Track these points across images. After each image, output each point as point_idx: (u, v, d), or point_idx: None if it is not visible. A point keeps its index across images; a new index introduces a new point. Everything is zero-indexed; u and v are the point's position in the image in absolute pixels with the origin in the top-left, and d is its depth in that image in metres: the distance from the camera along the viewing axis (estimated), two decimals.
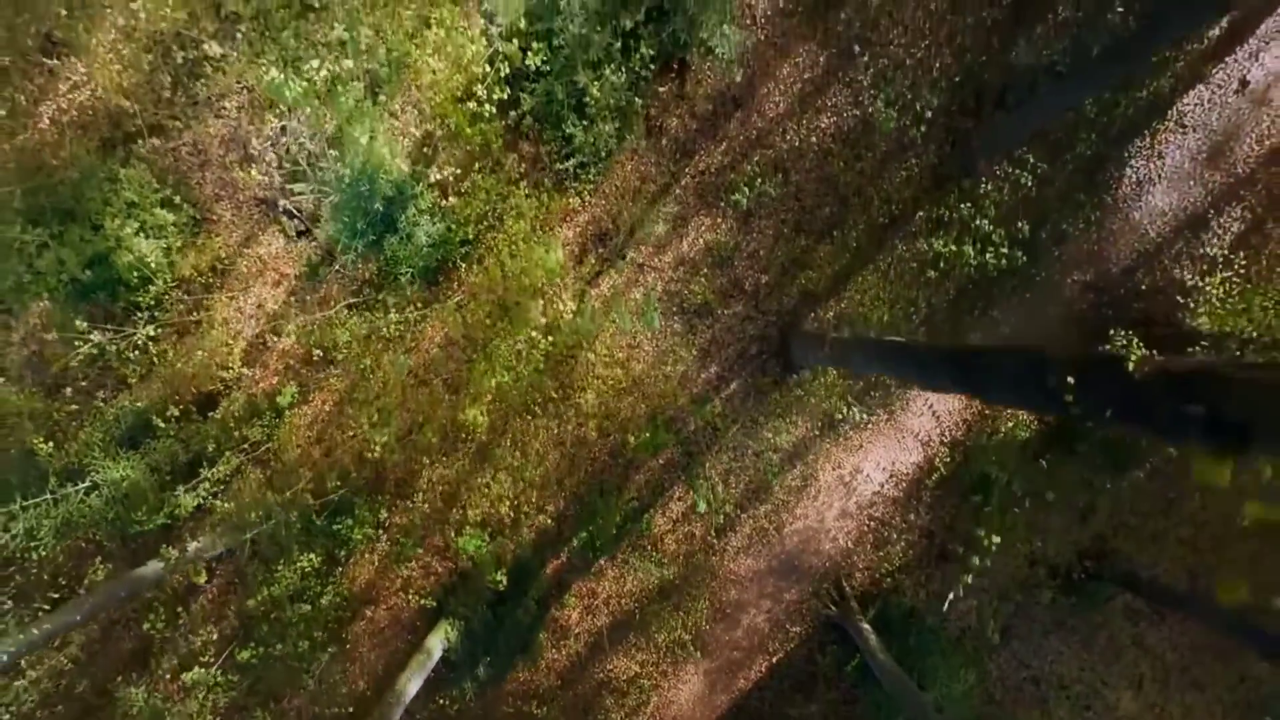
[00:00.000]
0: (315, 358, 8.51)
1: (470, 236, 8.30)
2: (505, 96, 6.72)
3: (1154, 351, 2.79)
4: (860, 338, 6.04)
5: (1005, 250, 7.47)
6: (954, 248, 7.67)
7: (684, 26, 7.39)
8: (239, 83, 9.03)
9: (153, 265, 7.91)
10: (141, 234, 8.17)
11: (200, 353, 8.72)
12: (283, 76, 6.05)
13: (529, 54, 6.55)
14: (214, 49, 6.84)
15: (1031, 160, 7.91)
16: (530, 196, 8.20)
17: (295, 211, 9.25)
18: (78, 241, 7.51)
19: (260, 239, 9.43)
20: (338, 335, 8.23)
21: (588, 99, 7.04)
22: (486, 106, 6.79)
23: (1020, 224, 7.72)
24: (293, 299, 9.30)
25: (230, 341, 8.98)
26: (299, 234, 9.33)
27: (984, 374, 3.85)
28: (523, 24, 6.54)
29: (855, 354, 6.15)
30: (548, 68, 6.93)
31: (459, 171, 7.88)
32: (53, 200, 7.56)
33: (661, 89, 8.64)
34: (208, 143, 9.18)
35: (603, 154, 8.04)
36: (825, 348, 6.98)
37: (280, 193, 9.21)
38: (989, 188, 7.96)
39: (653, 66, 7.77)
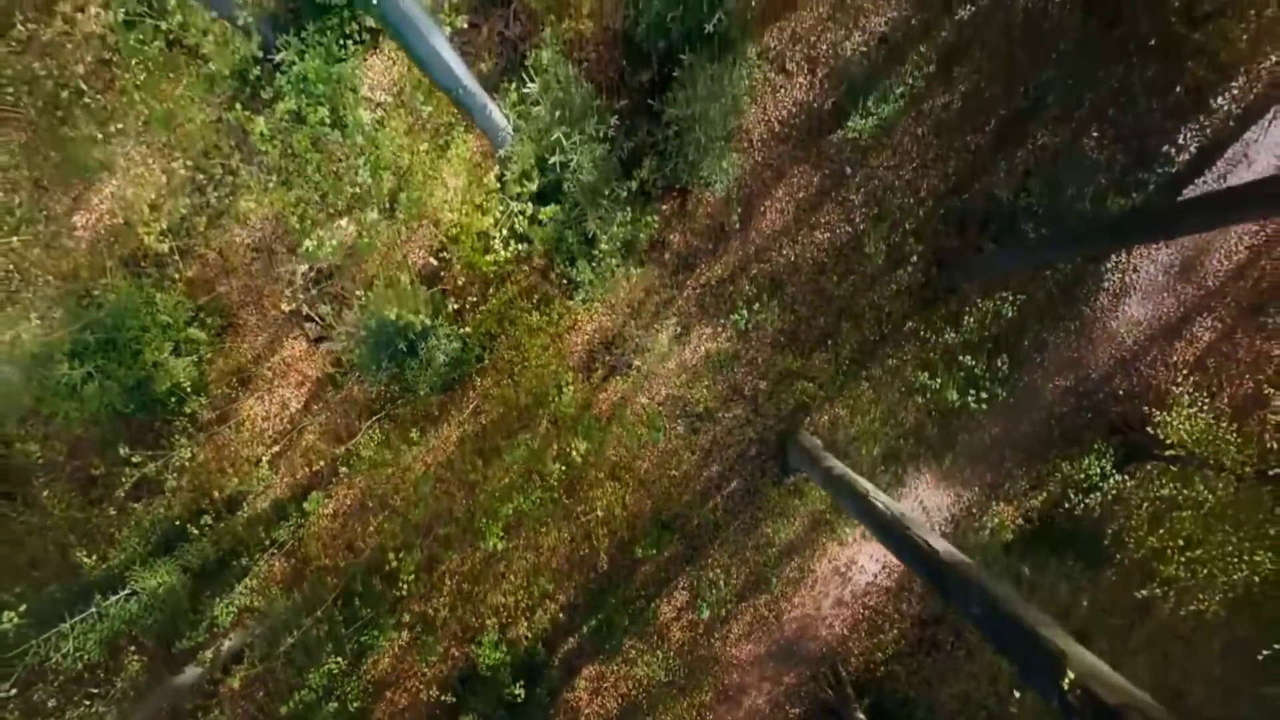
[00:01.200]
0: (341, 473, 9.04)
1: (484, 354, 8.82)
2: (520, 248, 7.22)
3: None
4: (853, 486, 6.52)
5: (985, 394, 7.97)
6: (938, 384, 8.17)
7: (685, 168, 7.90)
8: (267, 203, 9.56)
9: (188, 387, 8.41)
10: (175, 354, 8.68)
11: (230, 466, 9.26)
12: (316, 242, 6.55)
13: (541, 211, 7.05)
14: (246, 204, 7.35)
15: (1011, 295, 8.42)
16: (543, 315, 8.71)
17: (318, 319, 9.77)
18: (119, 372, 8.01)
19: (284, 343, 9.94)
20: (361, 451, 8.74)
21: (596, 250, 7.54)
22: (501, 253, 7.30)
23: (1001, 359, 8.23)
24: (316, 403, 9.81)
25: (259, 451, 9.49)
26: (319, 339, 9.85)
27: (955, 593, 4.34)
28: (535, 183, 7.04)
29: (846, 497, 6.64)
30: (560, 215, 7.44)
31: (475, 299, 8.40)
32: (95, 333, 8.06)
33: (664, 207, 9.16)
34: (234, 252, 9.69)
35: (609, 280, 8.55)
36: (819, 476, 7.48)
37: (303, 302, 9.73)
38: (970, 320, 8.47)
39: (659, 209, 8.31)
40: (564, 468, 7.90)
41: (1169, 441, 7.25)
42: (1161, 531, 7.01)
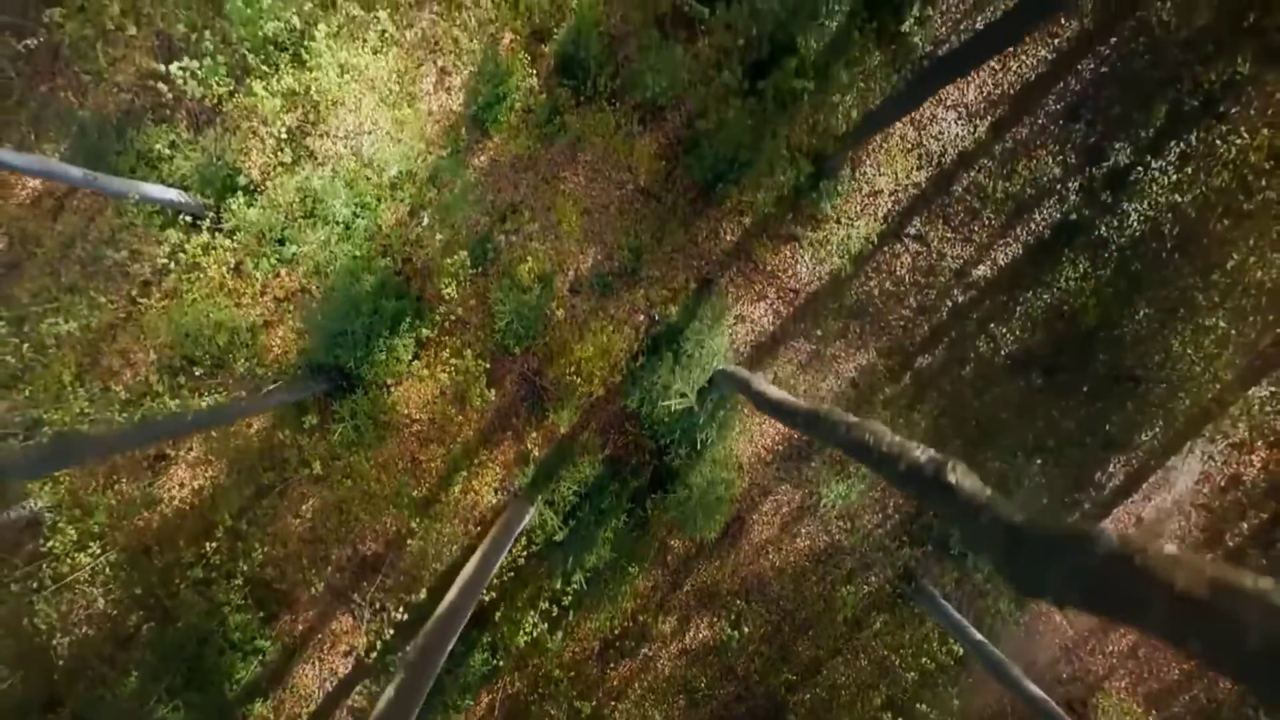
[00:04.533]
0: None
1: (509, 663, 10.21)
2: (547, 626, 8.62)
3: None
4: None
5: None
6: None
7: (682, 527, 9.27)
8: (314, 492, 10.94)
9: (258, 703, 9.80)
10: (243, 661, 10.05)
11: None
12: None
13: (565, 598, 8.45)
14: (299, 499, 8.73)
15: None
16: (560, 640, 10.10)
17: (363, 602, 11.14)
18: (201, 701, 9.40)
19: (334, 616, 11.31)
20: None
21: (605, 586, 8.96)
22: (535, 631, 8.69)
23: (954, 692, 9.65)
24: (363, 671, 11.19)
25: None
26: (367, 622, 11.21)
27: None
28: (559, 580, 8.45)
29: None
30: (582, 588, 8.83)
31: (503, 632, 9.80)
32: (177, 663, 9.45)
33: (666, 516, 10.54)
34: (288, 537, 11.05)
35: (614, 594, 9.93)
36: None
37: (356, 603, 11.10)
38: (928, 661, 9.87)
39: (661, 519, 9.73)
40: None
41: None
42: None
